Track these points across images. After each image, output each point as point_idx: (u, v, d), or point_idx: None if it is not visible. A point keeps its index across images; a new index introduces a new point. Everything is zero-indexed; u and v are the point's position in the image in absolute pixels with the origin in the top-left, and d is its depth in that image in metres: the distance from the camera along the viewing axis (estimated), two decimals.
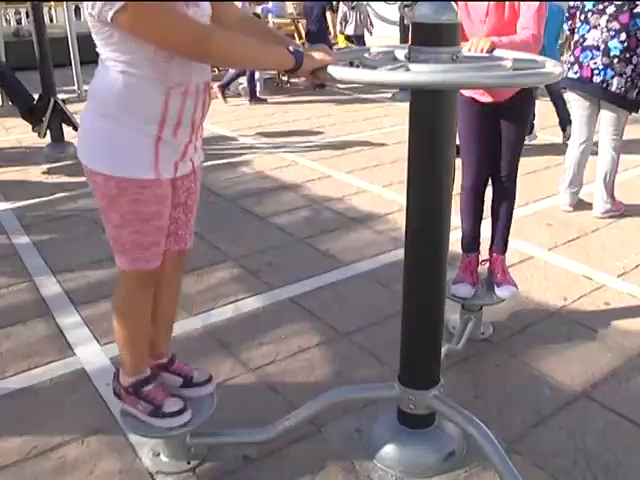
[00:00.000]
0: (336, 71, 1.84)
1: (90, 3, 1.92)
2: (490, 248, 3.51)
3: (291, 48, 2.01)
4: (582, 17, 4.74)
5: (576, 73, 4.73)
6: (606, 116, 4.85)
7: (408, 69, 1.70)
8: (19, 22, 14.33)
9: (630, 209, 5.08)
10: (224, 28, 2.17)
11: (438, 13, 1.80)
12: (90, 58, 3.25)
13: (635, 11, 4.53)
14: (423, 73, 1.68)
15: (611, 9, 4.59)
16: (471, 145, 3.35)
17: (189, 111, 2.21)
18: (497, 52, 2.13)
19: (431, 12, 1.80)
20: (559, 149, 6.18)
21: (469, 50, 2.21)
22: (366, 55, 1.97)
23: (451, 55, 1.79)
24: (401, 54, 1.93)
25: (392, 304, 3.38)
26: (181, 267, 2.63)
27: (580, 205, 5.14)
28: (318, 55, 1.99)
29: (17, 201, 5.53)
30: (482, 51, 2.24)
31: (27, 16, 13.17)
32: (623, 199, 5.13)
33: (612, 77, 4.61)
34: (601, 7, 4.63)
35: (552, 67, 1.82)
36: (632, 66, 4.62)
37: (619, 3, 4.55)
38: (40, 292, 3.94)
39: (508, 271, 3.49)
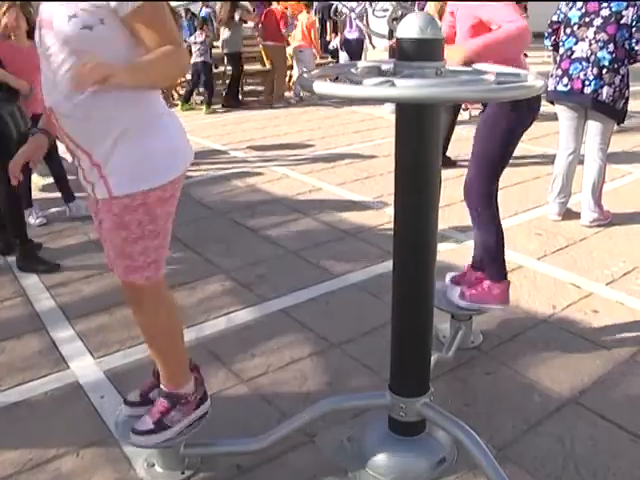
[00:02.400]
0: (323, 86, 1.87)
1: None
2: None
3: None
4: (568, 31, 4.80)
5: (566, 85, 4.78)
6: (593, 126, 4.91)
7: (394, 84, 1.75)
8: None
9: (617, 218, 5.14)
10: None
11: (422, 29, 1.85)
12: None
13: (622, 22, 4.60)
14: (408, 88, 1.72)
15: (598, 21, 4.66)
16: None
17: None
18: (480, 66, 2.17)
19: (416, 27, 1.85)
20: (548, 159, 6.24)
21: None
22: (352, 70, 2.02)
23: (435, 70, 1.84)
24: (387, 68, 1.98)
25: (383, 314, 3.42)
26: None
27: (568, 214, 5.19)
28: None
29: None
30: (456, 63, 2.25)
31: None
32: (610, 208, 5.19)
33: (602, 87, 4.67)
34: (588, 20, 4.69)
35: (534, 80, 1.87)
36: (620, 76, 4.69)
37: (606, 15, 4.62)
38: (34, 307, 3.97)
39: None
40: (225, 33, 11.07)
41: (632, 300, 3.89)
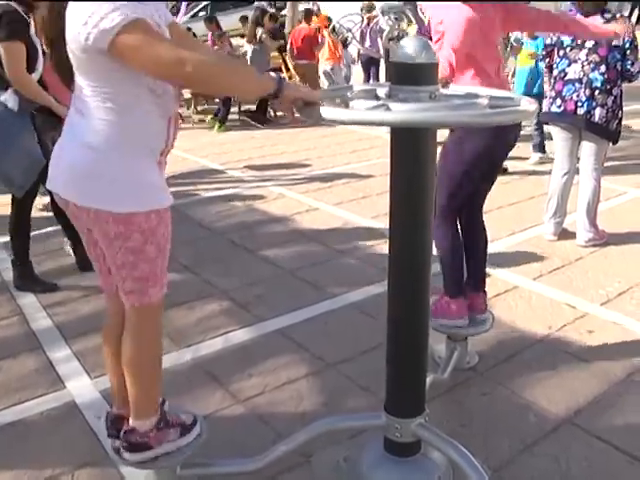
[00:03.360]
0: (320, 109, 1.90)
1: (86, 34, 1.96)
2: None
3: (272, 74, 2.04)
4: (561, 53, 4.87)
5: (560, 107, 4.84)
6: (587, 147, 4.96)
7: (388, 108, 1.77)
8: None
9: (613, 237, 5.17)
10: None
11: (417, 53, 1.88)
12: None
13: (613, 44, 4.67)
14: (402, 112, 1.75)
15: (590, 43, 4.72)
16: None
17: (172, 137, 2.28)
18: (474, 90, 2.20)
19: (410, 52, 1.88)
20: (543, 179, 6.28)
21: None
22: (348, 93, 2.04)
23: (429, 94, 1.87)
24: (382, 92, 2.01)
25: (380, 334, 3.41)
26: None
27: (564, 234, 5.22)
28: (303, 88, 2.04)
29: (5, 236, 5.52)
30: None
31: None
32: (606, 227, 5.22)
33: (594, 108, 4.72)
34: (580, 42, 4.76)
35: (527, 105, 1.89)
36: (612, 97, 4.74)
37: None
38: (30, 326, 3.97)
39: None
40: (250, 50, 11.14)
41: (627, 320, 3.91)
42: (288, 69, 11.92)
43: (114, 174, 2.15)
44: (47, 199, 6.31)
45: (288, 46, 11.87)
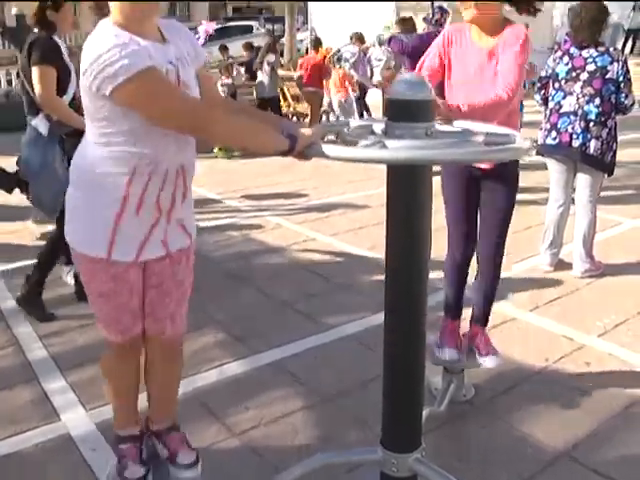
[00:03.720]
0: (317, 147, 1.93)
1: (92, 76, 2.00)
2: (472, 318, 3.53)
3: (284, 131, 2.05)
4: (556, 85, 4.92)
5: (555, 139, 4.88)
6: (583, 179, 4.99)
7: (384, 145, 1.79)
8: (10, 83, 14.43)
9: (609, 268, 5.18)
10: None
11: (412, 90, 1.90)
12: None
13: (607, 77, 4.72)
14: (399, 150, 1.77)
15: (584, 76, 4.77)
16: (460, 216, 3.34)
17: (153, 193, 2.25)
18: (469, 125, 2.22)
19: (406, 89, 1.90)
20: (539, 209, 6.28)
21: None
22: (345, 130, 2.06)
23: (425, 130, 1.89)
24: (379, 128, 2.02)
25: (376, 367, 3.40)
26: (170, 358, 2.71)
27: (560, 265, 5.23)
28: (307, 133, 2.06)
29: (4, 264, 5.55)
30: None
31: (17, 76, 13.30)
32: (602, 259, 5.23)
33: (589, 140, 4.76)
34: (574, 74, 4.81)
35: (522, 142, 1.91)
36: (607, 129, 4.79)
37: (592, 70, 4.73)
38: (26, 357, 3.95)
39: (490, 341, 3.49)
40: (260, 77, 11.22)
41: (624, 352, 3.90)
42: (286, 98, 12.00)
43: (67, 201, 2.31)
44: (45, 228, 6.34)
45: (297, 74, 11.96)
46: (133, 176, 2.18)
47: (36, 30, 4.41)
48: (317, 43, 12.28)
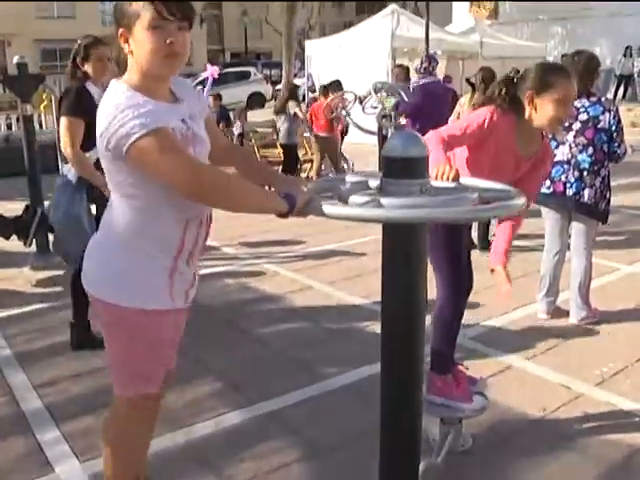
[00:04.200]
0: (313, 204, 1.96)
1: (107, 138, 2.04)
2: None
3: (282, 191, 2.08)
4: (549, 135, 4.96)
5: (549, 188, 4.92)
6: (577, 227, 5.02)
7: (379, 203, 1.81)
8: (9, 127, 14.52)
9: (606, 315, 5.17)
10: (219, 167, 2.31)
11: (407, 147, 1.93)
12: None
13: (599, 126, 4.78)
14: (394, 208, 1.79)
15: (577, 125, 4.83)
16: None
17: (201, 241, 2.34)
18: (463, 180, 2.25)
19: (400, 146, 1.93)
20: (535, 256, 6.30)
21: (435, 177, 2.26)
22: (340, 186, 2.08)
23: (420, 187, 1.91)
24: (374, 184, 2.05)
25: (374, 417, 3.39)
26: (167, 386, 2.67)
27: (557, 312, 5.22)
28: (304, 191, 2.08)
29: None
30: (448, 179, 2.27)
31: (17, 121, 13.41)
32: (598, 305, 5.22)
33: (583, 189, 4.80)
34: (567, 124, 4.86)
35: (517, 198, 1.93)
36: (600, 178, 4.83)
37: (584, 119, 4.79)
38: (20, 407, 3.92)
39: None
40: (280, 124, 11.28)
41: (622, 401, 3.88)
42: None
43: (110, 262, 2.27)
44: (38, 275, 6.35)
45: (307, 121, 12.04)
46: (187, 229, 2.25)
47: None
48: (326, 90, 12.38)
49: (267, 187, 2.27)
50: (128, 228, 2.22)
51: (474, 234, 6.66)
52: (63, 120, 4.23)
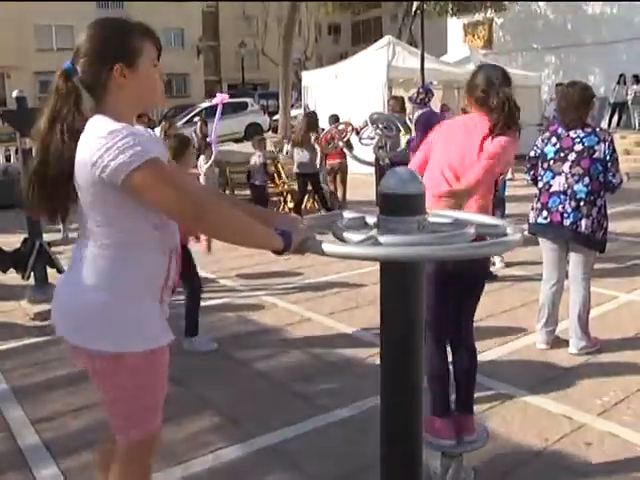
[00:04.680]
0: (311, 243, 1.97)
1: (100, 167, 2.01)
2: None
3: (278, 229, 2.07)
4: (545, 165, 4.99)
5: (546, 218, 4.93)
6: (575, 257, 5.02)
7: (377, 240, 1.81)
8: (8, 159, 14.56)
9: (606, 344, 5.16)
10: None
11: (404, 185, 1.93)
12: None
13: (594, 157, 4.80)
14: (392, 247, 1.80)
15: (572, 156, 4.85)
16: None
17: (174, 270, 2.31)
18: (460, 215, 2.25)
19: (397, 184, 1.94)
20: (534, 285, 6.31)
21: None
22: (338, 223, 2.08)
23: (417, 224, 1.92)
24: (371, 220, 2.05)
25: (374, 451, 3.36)
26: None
27: (556, 342, 5.20)
28: (301, 229, 2.08)
29: None
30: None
31: (16, 152, 13.43)
32: (598, 334, 5.21)
33: (580, 219, 4.81)
34: (563, 155, 4.89)
35: (513, 234, 1.94)
36: (597, 208, 4.84)
37: (579, 150, 4.82)
38: (17, 443, 3.89)
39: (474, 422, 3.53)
40: (299, 154, 11.28)
41: (625, 431, 3.86)
42: (281, 177, 12.12)
43: (105, 312, 2.20)
44: (36, 308, 6.34)
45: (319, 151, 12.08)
46: (170, 260, 2.26)
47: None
48: (335, 119, 12.45)
49: None
50: (113, 273, 2.18)
51: None
52: None
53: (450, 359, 3.61)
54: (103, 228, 2.16)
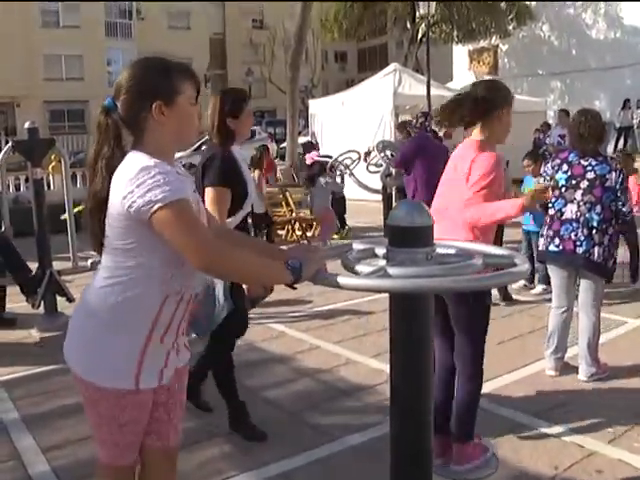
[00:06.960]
0: (322, 275, 2.00)
1: (130, 201, 2.08)
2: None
3: (288, 262, 2.12)
4: (557, 193, 4.98)
5: (558, 246, 4.94)
6: (586, 284, 5.02)
7: (386, 272, 1.84)
8: (17, 188, 14.67)
9: (615, 371, 5.14)
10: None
11: (412, 217, 1.97)
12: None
13: (606, 185, 4.81)
14: (402, 279, 1.83)
15: (584, 184, 4.86)
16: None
17: (178, 318, 2.33)
18: (468, 246, 2.28)
19: (406, 216, 1.97)
20: (542, 312, 6.31)
21: None
22: (348, 255, 2.12)
23: (426, 255, 1.95)
24: (380, 252, 2.08)
25: (384, 479, 3.37)
26: (168, 468, 2.64)
27: (566, 369, 5.19)
28: (313, 260, 2.13)
29: (7, 373, 5.53)
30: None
31: (26, 181, 13.51)
32: (608, 360, 5.20)
33: (593, 247, 4.82)
34: (574, 182, 4.90)
35: (522, 264, 1.96)
36: (608, 236, 4.86)
37: (591, 178, 4.84)
38: (28, 471, 3.90)
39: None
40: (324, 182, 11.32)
41: (636, 458, 3.85)
42: (288, 204, 12.17)
43: (85, 338, 2.35)
44: (46, 336, 6.36)
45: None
46: (164, 304, 2.26)
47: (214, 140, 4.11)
48: (310, 145, 12.60)
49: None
50: (107, 305, 2.24)
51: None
52: (210, 191, 3.84)
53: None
54: (115, 260, 2.23)
